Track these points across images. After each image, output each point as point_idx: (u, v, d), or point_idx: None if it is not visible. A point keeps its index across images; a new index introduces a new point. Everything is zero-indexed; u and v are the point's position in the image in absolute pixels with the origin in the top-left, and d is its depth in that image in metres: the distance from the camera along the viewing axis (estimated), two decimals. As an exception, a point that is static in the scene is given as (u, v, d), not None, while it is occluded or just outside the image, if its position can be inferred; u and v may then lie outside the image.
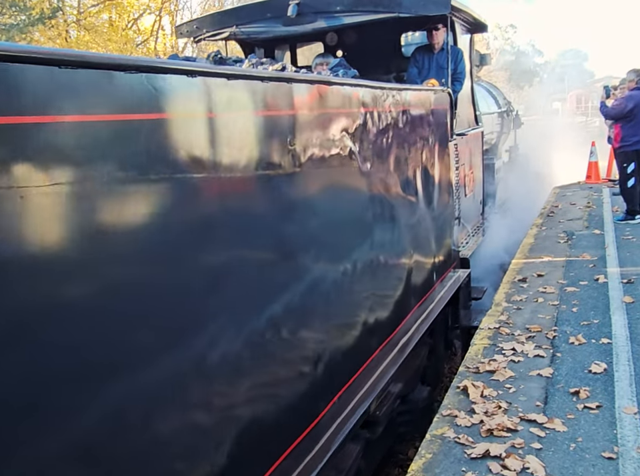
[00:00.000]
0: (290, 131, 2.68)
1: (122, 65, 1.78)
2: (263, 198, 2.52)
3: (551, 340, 4.53)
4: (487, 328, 4.83)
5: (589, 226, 8.38)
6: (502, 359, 4.23)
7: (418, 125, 4.67)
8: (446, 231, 5.54)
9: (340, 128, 3.19)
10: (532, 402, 3.64)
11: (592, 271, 6.20)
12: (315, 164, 2.91)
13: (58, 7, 20.63)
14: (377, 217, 3.73)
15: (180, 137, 1.98)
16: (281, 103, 2.64)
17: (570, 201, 10.46)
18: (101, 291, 1.69)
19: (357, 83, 3.61)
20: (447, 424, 3.47)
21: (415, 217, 4.56)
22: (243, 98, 2.40)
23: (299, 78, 2.84)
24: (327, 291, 3.03)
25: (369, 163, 3.59)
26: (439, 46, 6.20)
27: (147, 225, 1.85)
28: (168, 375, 1.94)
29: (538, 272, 6.27)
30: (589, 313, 5.03)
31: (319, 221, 2.97)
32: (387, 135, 3.92)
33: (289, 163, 2.67)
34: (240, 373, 2.29)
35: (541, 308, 5.23)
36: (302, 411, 2.78)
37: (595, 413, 3.46)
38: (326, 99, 3.07)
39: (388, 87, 4.02)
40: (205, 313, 2.09)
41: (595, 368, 3.99)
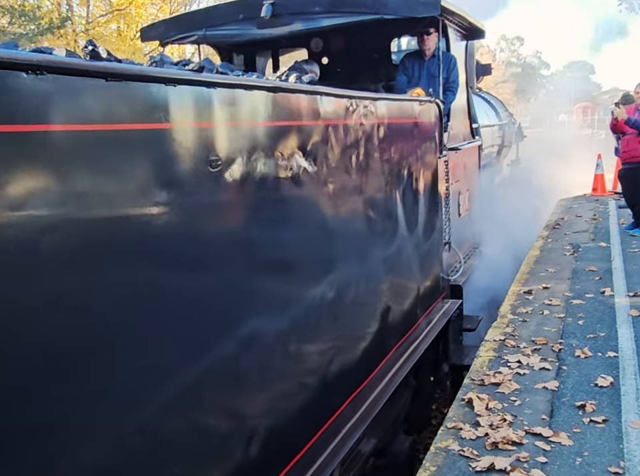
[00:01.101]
0: (211, 148, 2.14)
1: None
2: (173, 241, 1.98)
3: (557, 353, 4.51)
4: (492, 340, 4.81)
5: (595, 238, 8.35)
6: (507, 372, 4.20)
7: (397, 140, 4.15)
8: (432, 259, 5.02)
9: (288, 144, 2.68)
10: (537, 415, 3.61)
11: (598, 283, 6.17)
12: (251, 188, 2.39)
13: (67, 17, 20.83)
14: (340, 249, 3.22)
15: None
16: (198, 112, 2.12)
17: (576, 213, 10.44)
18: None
19: (314, 89, 3.01)
20: (451, 436, 3.45)
21: (392, 245, 4.05)
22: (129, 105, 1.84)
23: (225, 82, 2.29)
24: (267, 347, 2.51)
25: (331, 185, 3.09)
26: (430, 52, 5.78)
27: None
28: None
29: (543, 284, 6.25)
30: (595, 325, 5.00)
31: (261, 256, 2.48)
32: (357, 152, 3.43)
33: (209, 189, 2.15)
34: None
35: (546, 320, 5.21)
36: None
37: (601, 427, 3.43)
38: (266, 109, 2.54)
39: (357, 96, 3.49)
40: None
41: (601, 381, 3.96)
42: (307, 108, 2.89)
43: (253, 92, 2.45)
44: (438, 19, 5.31)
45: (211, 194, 2.16)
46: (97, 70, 1.70)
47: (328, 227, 3.09)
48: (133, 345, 1.80)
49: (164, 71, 2.25)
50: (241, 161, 2.33)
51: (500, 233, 6.89)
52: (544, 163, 13.53)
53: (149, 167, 1.87)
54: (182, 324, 2.01)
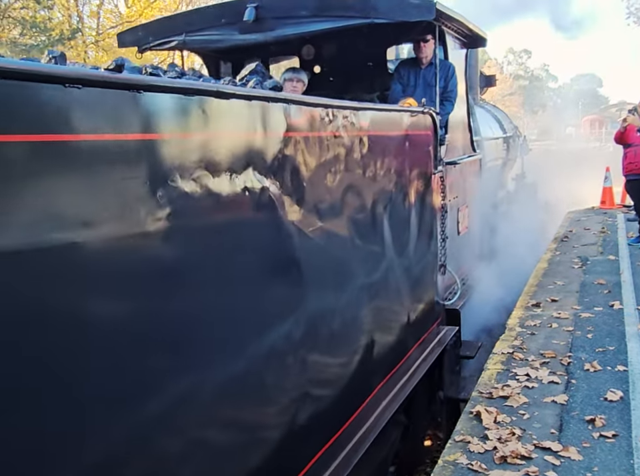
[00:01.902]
0: (133, 165, 1.83)
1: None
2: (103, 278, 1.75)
3: (566, 366, 4.47)
4: (501, 353, 4.78)
5: (603, 251, 8.31)
6: (516, 385, 4.17)
7: (384, 154, 3.80)
8: (425, 283, 4.67)
9: (242, 160, 2.33)
10: (546, 429, 3.58)
11: (607, 297, 6.13)
12: (189, 212, 2.06)
13: (77, 29, 21.04)
14: (313, 278, 2.87)
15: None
16: (127, 120, 1.85)
17: (584, 226, 10.40)
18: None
19: (278, 96, 2.66)
20: (459, 450, 3.42)
21: (377, 271, 3.71)
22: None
23: (151, 84, 1.94)
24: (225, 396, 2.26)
25: (300, 205, 2.74)
26: (427, 60, 5.46)
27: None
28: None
29: (552, 297, 6.21)
30: (604, 339, 4.96)
31: (207, 290, 2.16)
32: (333, 168, 3.09)
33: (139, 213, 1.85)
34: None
35: (555, 333, 5.17)
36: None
37: (611, 442, 3.40)
38: (212, 118, 2.20)
39: (335, 105, 3.16)
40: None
41: (611, 396, 3.93)
42: (269, 117, 2.53)
43: (194, 98, 2.09)
44: (434, 24, 5.02)
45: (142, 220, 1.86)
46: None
47: (294, 252, 2.72)
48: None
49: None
50: (173, 179, 1.97)
51: (503, 251, 6.65)
52: (550, 177, 13.17)
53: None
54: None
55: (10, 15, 19.77)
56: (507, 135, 10.55)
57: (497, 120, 10.45)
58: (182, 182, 2.01)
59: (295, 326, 2.72)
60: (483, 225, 6.67)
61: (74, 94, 1.64)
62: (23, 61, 2.00)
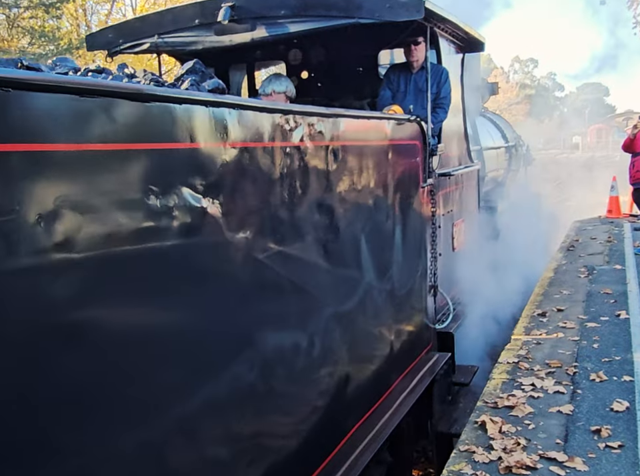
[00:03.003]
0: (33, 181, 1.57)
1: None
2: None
3: (571, 376, 4.46)
4: (506, 362, 4.77)
5: (609, 261, 8.27)
6: (521, 394, 4.16)
7: (361, 166, 3.46)
8: (412, 307, 4.33)
9: (170, 176, 2.02)
10: (552, 439, 3.56)
11: (613, 306, 6.11)
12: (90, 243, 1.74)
13: (86, 38, 21.14)
14: (267, 313, 2.59)
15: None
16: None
17: (590, 235, 10.36)
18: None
19: (217, 100, 2.30)
20: (464, 460, 3.41)
21: (352, 299, 3.35)
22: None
23: (35, 81, 1.62)
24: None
25: (247, 229, 2.39)
26: (418, 64, 5.16)
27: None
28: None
29: (558, 306, 6.19)
30: (610, 349, 4.94)
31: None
32: (293, 184, 2.74)
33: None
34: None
35: (560, 343, 5.15)
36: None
37: (617, 453, 3.38)
38: (129, 125, 1.88)
39: (296, 111, 2.81)
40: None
41: (617, 406, 3.91)
42: (206, 125, 2.19)
43: (95, 100, 1.75)
44: (425, 25, 4.70)
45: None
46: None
47: (242, 282, 2.42)
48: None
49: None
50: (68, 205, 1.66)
51: (503, 267, 6.25)
52: (555, 187, 12.91)
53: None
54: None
55: (19, 25, 19.96)
56: (508, 144, 10.29)
57: (498, 129, 10.25)
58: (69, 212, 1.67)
59: (244, 366, 2.41)
60: (481, 239, 6.29)
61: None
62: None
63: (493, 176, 8.46)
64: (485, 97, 10.24)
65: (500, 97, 46.39)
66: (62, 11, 20.61)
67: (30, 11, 19.71)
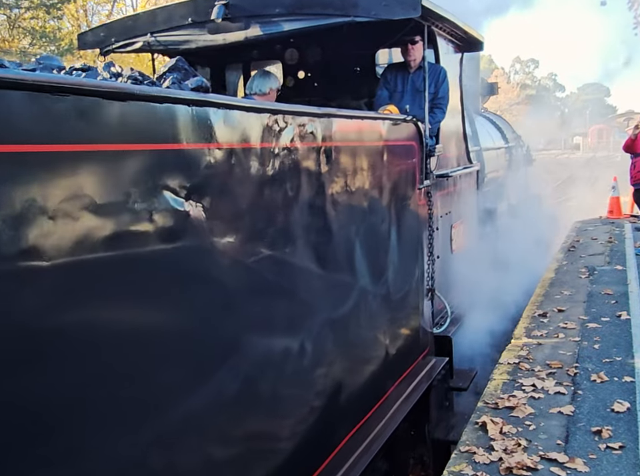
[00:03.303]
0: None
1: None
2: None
3: (572, 377, 4.45)
4: (507, 363, 4.76)
5: (610, 261, 8.27)
6: (522, 395, 4.15)
7: (355, 168, 3.38)
8: (408, 312, 4.22)
9: (150, 178, 1.93)
10: (552, 440, 3.56)
11: (614, 307, 6.10)
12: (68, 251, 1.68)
13: (87, 38, 21.16)
14: (255, 320, 2.50)
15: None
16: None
17: (591, 236, 10.35)
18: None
19: (200, 99, 2.19)
20: (464, 461, 3.40)
21: (344, 304, 3.26)
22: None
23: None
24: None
25: (233, 232, 2.31)
26: (416, 64, 5.08)
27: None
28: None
29: (558, 307, 6.19)
30: (611, 350, 4.94)
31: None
32: (283, 186, 2.66)
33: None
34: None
35: (561, 344, 5.15)
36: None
37: (618, 454, 3.37)
38: (105, 125, 1.79)
39: (285, 111, 2.71)
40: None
41: (618, 407, 3.90)
42: (189, 125, 2.10)
43: (67, 98, 1.67)
44: (422, 24, 4.61)
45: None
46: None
47: (229, 287, 2.32)
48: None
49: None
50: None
51: (503, 268, 6.12)
52: (556, 188, 12.72)
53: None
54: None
55: (20, 25, 19.99)
56: (508, 145, 10.19)
57: (498, 129, 10.14)
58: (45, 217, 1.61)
59: (229, 376, 2.32)
60: (481, 241, 6.20)
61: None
62: None
63: (492, 177, 8.31)
64: (485, 97, 10.16)
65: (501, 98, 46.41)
66: (63, 11, 20.65)
67: (31, 12, 19.75)
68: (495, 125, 10.19)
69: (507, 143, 10.22)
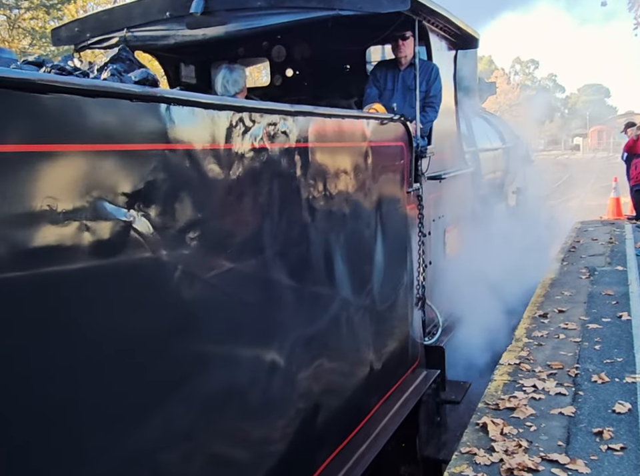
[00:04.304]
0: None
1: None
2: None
3: (573, 378, 4.44)
4: (507, 364, 4.75)
5: (611, 262, 8.26)
6: (522, 396, 4.14)
7: (334, 170, 3.11)
8: (395, 323, 3.97)
9: (85, 184, 1.70)
10: (554, 441, 3.54)
11: (615, 307, 6.09)
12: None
13: (87, 39, 21.19)
14: (225, 338, 2.31)
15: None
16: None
17: (592, 237, 10.34)
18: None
19: (143, 93, 1.91)
20: (465, 462, 3.39)
21: (320, 319, 3.01)
22: None
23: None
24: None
25: (189, 245, 2.07)
26: (407, 60, 4.89)
27: None
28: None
29: (559, 307, 6.17)
30: (612, 350, 4.92)
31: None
32: (247, 190, 2.40)
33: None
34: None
35: (562, 344, 5.13)
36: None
37: (619, 455, 3.36)
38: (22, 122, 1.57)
39: (253, 108, 2.47)
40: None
41: (619, 408, 3.89)
42: (129, 123, 1.86)
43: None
44: (413, 18, 4.38)
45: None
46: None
47: (179, 308, 2.06)
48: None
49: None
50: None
51: (500, 273, 5.89)
52: (555, 189, 12.44)
53: None
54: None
55: (20, 26, 19.99)
56: (506, 146, 9.99)
57: (496, 130, 9.95)
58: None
59: (183, 406, 2.07)
60: (477, 245, 5.91)
61: None
62: None
63: (489, 178, 8.09)
64: (483, 97, 10.06)
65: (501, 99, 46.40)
66: (63, 12, 20.64)
67: (31, 12, 19.76)
68: (493, 125, 10.00)
69: (505, 143, 10.02)
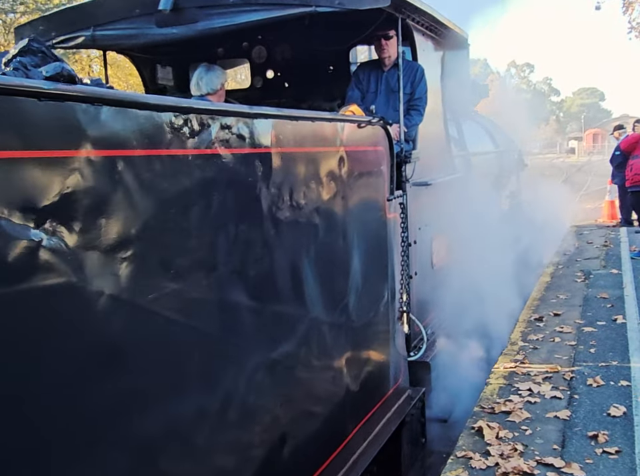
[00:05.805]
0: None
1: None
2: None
3: (568, 381, 4.44)
4: (503, 367, 4.75)
5: (606, 265, 8.28)
6: (518, 400, 4.14)
7: (301, 178, 2.85)
8: (374, 339, 3.68)
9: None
10: (549, 445, 3.55)
11: (610, 311, 6.10)
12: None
13: (82, 43, 21.18)
14: (167, 371, 2.03)
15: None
16: None
17: (587, 240, 10.37)
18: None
19: (57, 91, 1.67)
20: (461, 466, 3.39)
21: (291, 342, 2.76)
22: None
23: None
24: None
25: (119, 266, 1.83)
26: (391, 61, 4.66)
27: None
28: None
29: (554, 311, 6.18)
30: (607, 354, 4.93)
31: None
32: (196, 201, 2.15)
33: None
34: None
35: (557, 348, 5.14)
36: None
37: (614, 458, 3.36)
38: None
39: (202, 109, 2.26)
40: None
41: (614, 411, 3.89)
42: (43, 126, 1.62)
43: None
44: (396, 16, 4.16)
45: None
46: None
47: (110, 334, 1.83)
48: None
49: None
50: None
51: (491, 282, 5.54)
52: (549, 193, 12.25)
53: None
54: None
55: (15, 30, 19.96)
56: (499, 150, 9.76)
57: (488, 133, 9.73)
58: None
59: (119, 451, 1.84)
60: (467, 253, 5.61)
61: None
62: None
63: (481, 183, 7.54)
64: (476, 99, 9.98)
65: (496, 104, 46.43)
66: (58, 16, 20.62)
67: (26, 16, 19.72)
68: (484, 128, 9.80)
69: (497, 147, 9.85)
